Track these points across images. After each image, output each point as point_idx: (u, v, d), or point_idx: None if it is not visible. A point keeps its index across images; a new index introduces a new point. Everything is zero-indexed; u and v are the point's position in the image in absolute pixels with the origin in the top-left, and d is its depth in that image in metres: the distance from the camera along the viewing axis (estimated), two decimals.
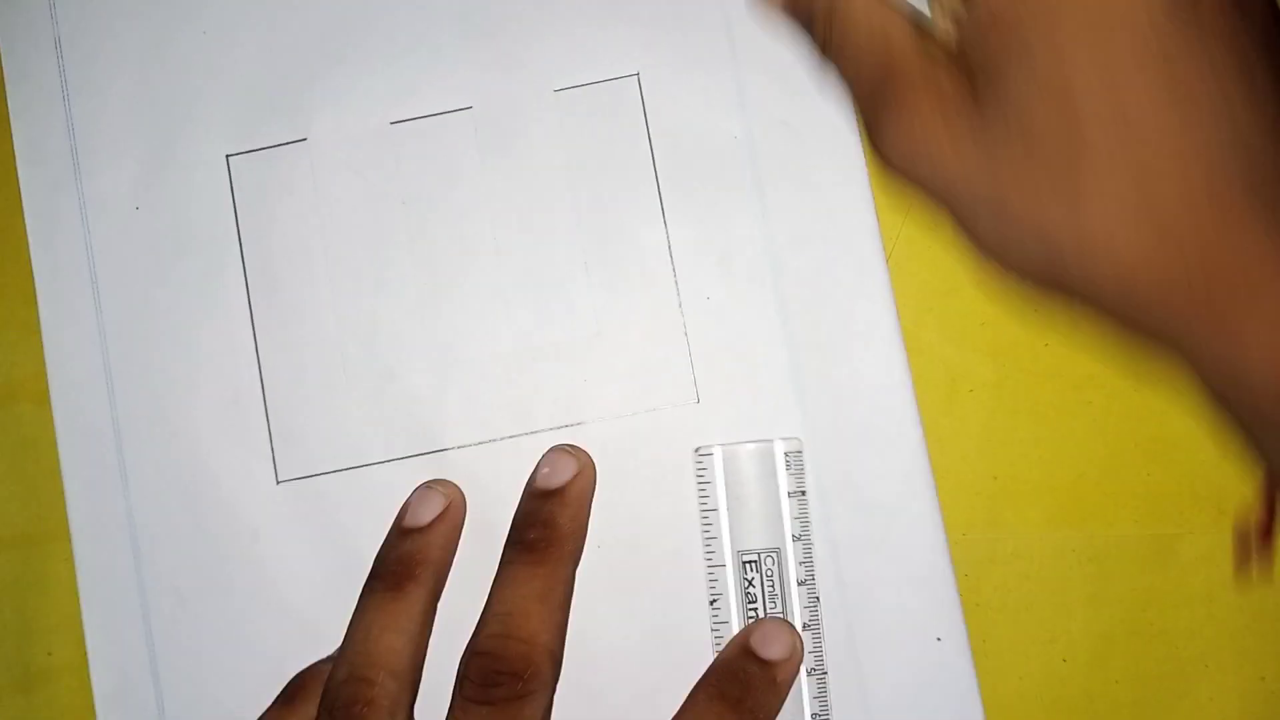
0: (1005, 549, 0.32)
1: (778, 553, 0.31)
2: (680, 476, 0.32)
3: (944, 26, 0.29)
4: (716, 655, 0.31)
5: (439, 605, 0.30)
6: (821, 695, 0.31)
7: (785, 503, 0.31)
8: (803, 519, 0.31)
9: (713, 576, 0.31)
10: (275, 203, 0.33)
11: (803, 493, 0.31)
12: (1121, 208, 0.26)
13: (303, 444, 0.32)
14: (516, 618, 0.29)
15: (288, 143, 0.33)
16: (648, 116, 0.33)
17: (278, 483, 0.32)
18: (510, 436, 0.32)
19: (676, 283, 0.32)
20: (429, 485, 0.31)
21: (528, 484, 0.31)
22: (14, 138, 0.33)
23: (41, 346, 0.31)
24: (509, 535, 0.31)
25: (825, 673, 0.31)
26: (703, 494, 0.31)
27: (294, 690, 0.31)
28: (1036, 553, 0.32)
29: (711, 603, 0.31)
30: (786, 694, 0.30)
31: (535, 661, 0.29)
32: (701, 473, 0.31)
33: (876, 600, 0.31)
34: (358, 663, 0.29)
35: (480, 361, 0.32)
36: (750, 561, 0.31)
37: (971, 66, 0.27)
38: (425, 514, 0.31)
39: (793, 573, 0.31)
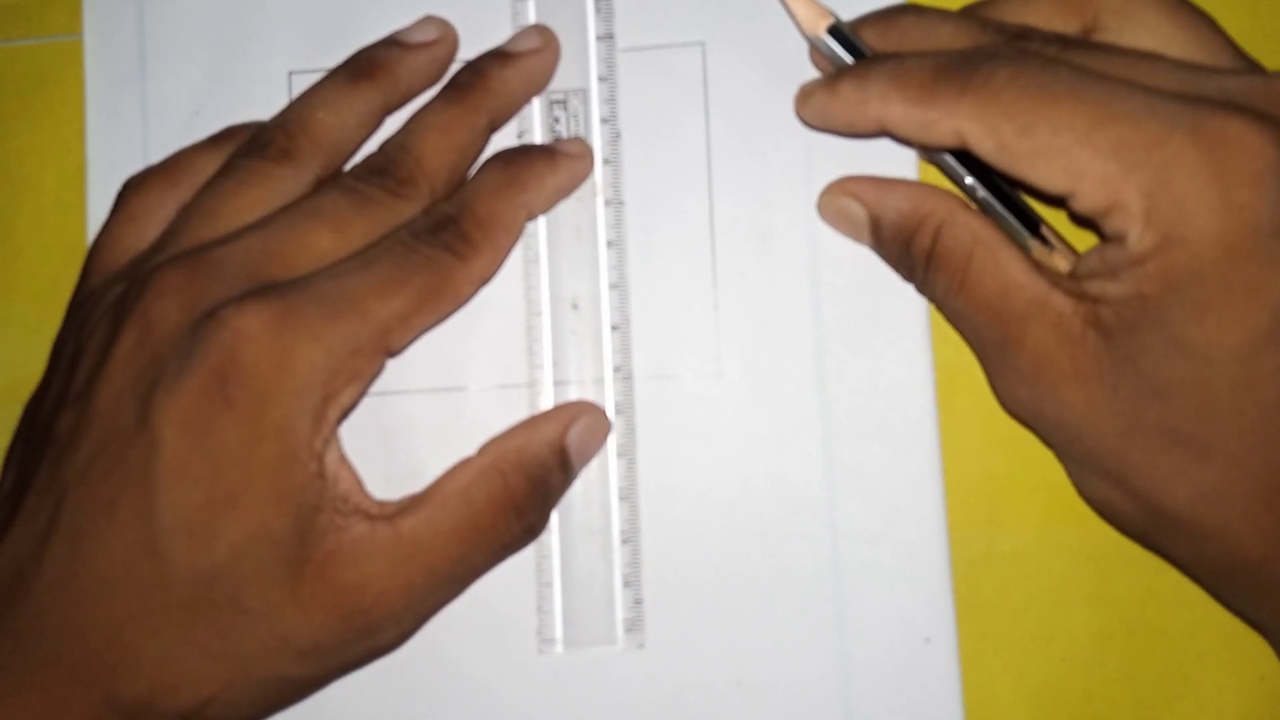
0: (1004, 548, 0.32)
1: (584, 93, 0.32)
2: (693, 444, 0.32)
3: (1059, 265, 0.28)
4: None
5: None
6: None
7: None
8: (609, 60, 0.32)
9: None
10: None
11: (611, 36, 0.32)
12: (1243, 475, 0.26)
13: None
14: (413, 138, 0.30)
15: None
16: (708, 87, 0.33)
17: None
18: (528, 384, 0.32)
19: (714, 254, 0.33)
20: (431, 17, 0.33)
21: None
22: (85, 31, 0.34)
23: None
24: None
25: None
26: None
27: (222, 135, 0.32)
28: (1035, 552, 0.32)
29: None
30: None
31: (416, 176, 0.30)
32: None
33: (870, 594, 0.31)
34: (287, 122, 0.31)
35: (509, 308, 0.32)
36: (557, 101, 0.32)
37: (1098, 308, 0.27)
38: (416, 35, 0.32)
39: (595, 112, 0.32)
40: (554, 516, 0.31)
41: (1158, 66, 0.27)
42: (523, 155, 0.31)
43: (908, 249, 0.30)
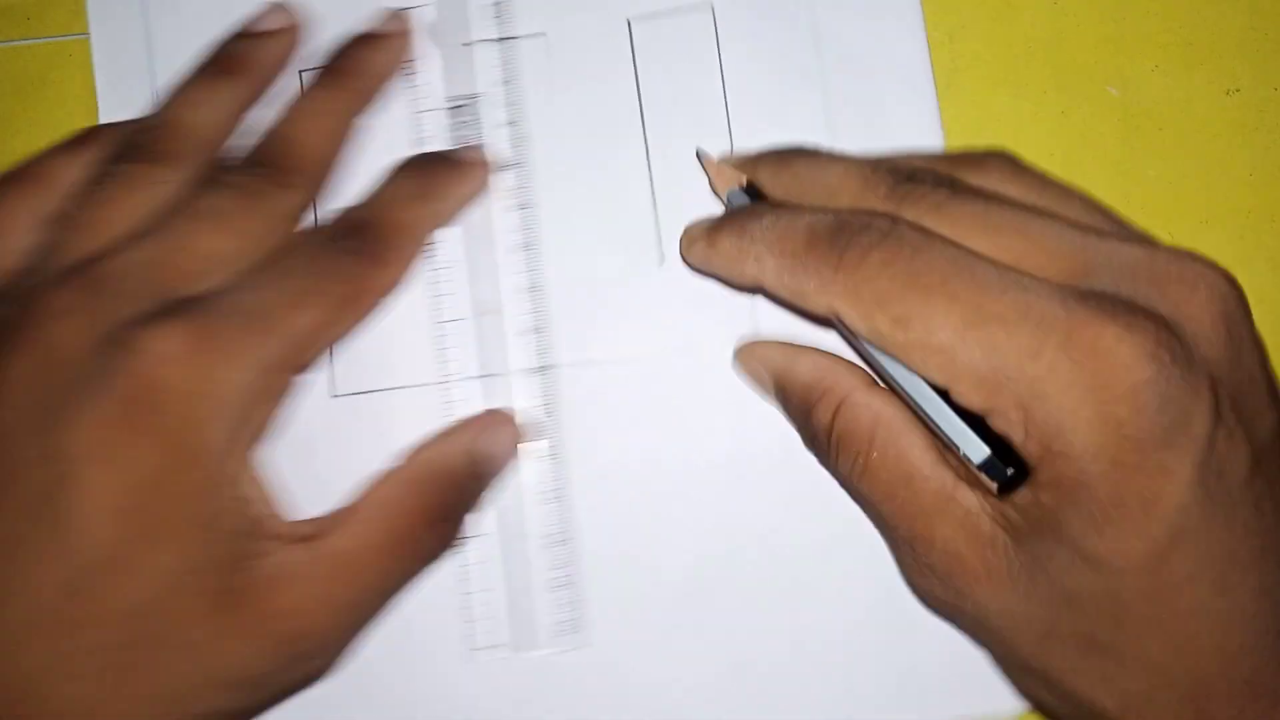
0: None
1: None
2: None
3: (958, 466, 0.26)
4: None
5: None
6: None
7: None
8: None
9: None
10: None
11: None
12: (1166, 682, 0.25)
13: (358, 361, 0.32)
14: (287, 126, 0.31)
15: None
16: (721, 51, 0.33)
17: (333, 397, 0.32)
18: (566, 365, 0.32)
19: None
20: (279, 4, 0.33)
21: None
22: (91, 30, 0.34)
23: None
24: None
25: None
26: None
27: (84, 136, 0.31)
28: None
29: None
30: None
31: (295, 164, 0.30)
32: None
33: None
34: (159, 124, 0.30)
35: (538, 289, 0.32)
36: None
37: (1005, 507, 0.25)
38: (264, 25, 0.32)
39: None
40: (490, 520, 0.32)
41: (1049, 231, 0.26)
42: (431, 164, 0.31)
43: (808, 421, 0.29)
